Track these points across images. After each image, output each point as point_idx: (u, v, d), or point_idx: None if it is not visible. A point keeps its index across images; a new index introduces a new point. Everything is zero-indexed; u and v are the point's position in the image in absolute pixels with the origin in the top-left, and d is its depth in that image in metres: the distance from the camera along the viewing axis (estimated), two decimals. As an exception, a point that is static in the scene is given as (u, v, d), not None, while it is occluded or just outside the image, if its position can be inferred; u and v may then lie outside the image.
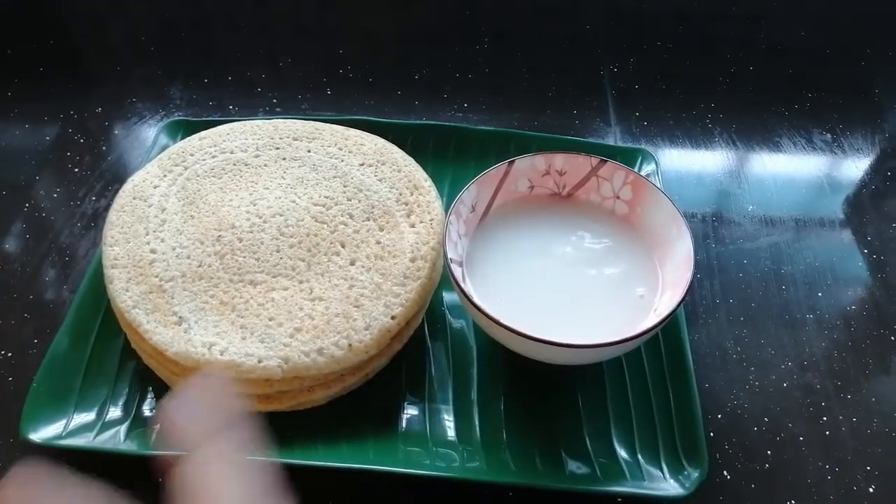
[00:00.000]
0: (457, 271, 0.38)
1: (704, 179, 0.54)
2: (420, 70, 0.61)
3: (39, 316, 0.44)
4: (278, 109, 0.57)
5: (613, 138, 0.56)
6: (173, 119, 0.52)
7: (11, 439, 0.39)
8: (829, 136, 0.57)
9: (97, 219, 0.50)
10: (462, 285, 0.37)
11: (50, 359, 0.39)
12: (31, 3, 0.68)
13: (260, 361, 0.36)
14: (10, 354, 0.42)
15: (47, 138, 0.55)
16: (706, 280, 0.47)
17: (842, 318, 0.46)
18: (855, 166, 0.55)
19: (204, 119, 0.52)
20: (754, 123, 0.58)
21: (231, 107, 0.58)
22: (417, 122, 0.52)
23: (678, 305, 0.36)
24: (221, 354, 0.36)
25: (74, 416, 0.38)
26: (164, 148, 0.50)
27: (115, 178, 0.53)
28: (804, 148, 0.56)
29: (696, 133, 0.57)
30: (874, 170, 0.55)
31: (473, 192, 0.41)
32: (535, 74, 0.62)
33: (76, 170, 0.53)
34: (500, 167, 0.42)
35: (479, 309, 0.36)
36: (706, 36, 0.67)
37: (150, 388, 0.39)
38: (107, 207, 0.50)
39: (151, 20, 0.67)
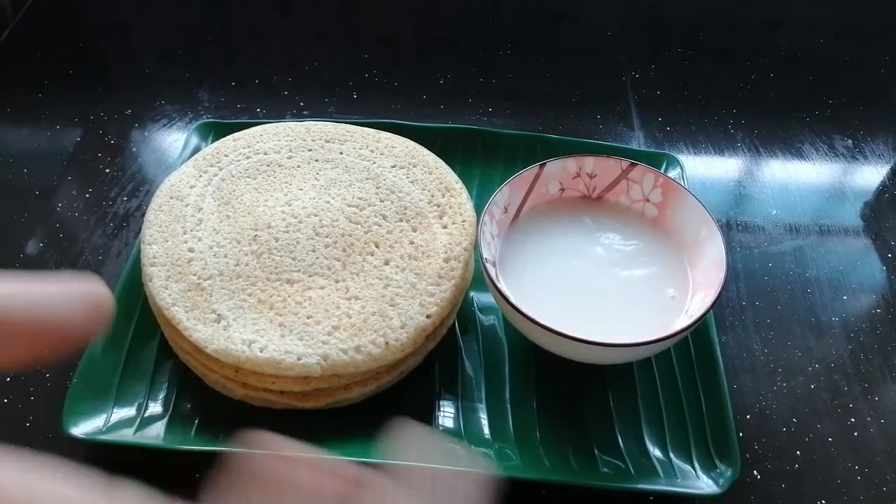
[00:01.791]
0: (491, 271, 0.39)
1: (728, 184, 0.55)
2: (444, 75, 0.62)
3: (75, 314, 0.45)
4: (306, 112, 0.58)
5: (637, 143, 0.57)
6: (204, 121, 0.53)
7: (51, 435, 0.39)
8: (850, 141, 0.58)
9: (129, 219, 0.51)
10: (497, 284, 0.38)
11: (88, 356, 0.40)
12: (60, 7, 0.69)
13: (299, 359, 0.37)
14: (46, 351, 0.43)
15: (77, 140, 0.56)
16: (732, 283, 0.48)
17: (867, 321, 0.46)
18: (877, 171, 0.56)
19: (235, 121, 0.53)
20: (776, 129, 0.58)
21: (259, 110, 0.58)
22: (446, 125, 0.53)
23: (712, 305, 0.36)
24: (261, 352, 0.37)
25: (114, 412, 0.38)
26: (195, 149, 0.51)
27: (146, 179, 0.53)
28: (826, 154, 0.57)
29: (718, 138, 0.58)
30: (895, 174, 0.56)
31: (506, 194, 0.42)
32: (558, 80, 0.62)
33: (107, 171, 0.54)
34: (532, 169, 0.43)
35: (515, 308, 0.36)
36: (725, 43, 0.67)
37: (188, 385, 0.40)
38: (138, 208, 0.51)
39: (177, 26, 0.68)
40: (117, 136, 0.57)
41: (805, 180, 0.55)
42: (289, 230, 0.41)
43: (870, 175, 0.56)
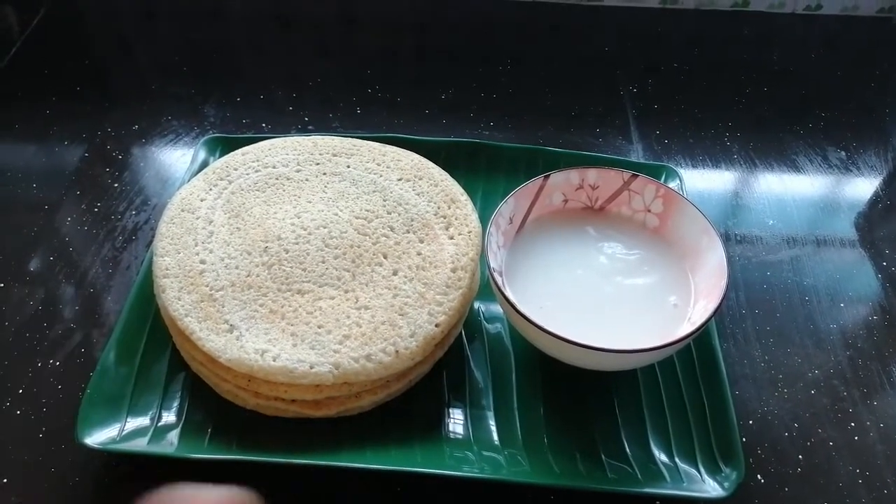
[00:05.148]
0: (498, 280, 0.39)
1: (725, 195, 0.56)
2: (446, 90, 0.63)
3: (85, 326, 0.45)
4: (310, 127, 0.59)
5: (636, 155, 0.58)
6: (212, 135, 0.54)
7: (63, 445, 0.40)
8: (843, 153, 0.59)
9: (137, 232, 0.51)
10: (505, 293, 0.38)
11: (101, 366, 0.40)
12: (66, 25, 0.70)
13: (312, 367, 0.37)
14: (58, 363, 0.44)
15: (85, 155, 0.57)
16: (732, 292, 0.49)
17: (864, 328, 0.47)
18: (870, 182, 0.57)
19: (242, 136, 0.54)
20: (771, 141, 0.60)
21: (264, 125, 0.59)
22: (449, 139, 0.54)
23: (714, 312, 0.37)
24: (274, 361, 0.37)
25: (128, 422, 0.39)
26: (203, 163, 0.51)
27: (153, 193, 0.54)
28: (820, 165, 0.58)
29: (715, 151, 0.59)
30: (887, 185, 0.57)
31: (511, 205, 0.43)
32: (558, 94, 0.64)
33: (115, 185, 0.54)
34: (536, 181, 0.44)
35: (523, 315, 0.37)
36: (720, 58, 0.69)
37: (200, 395, 0.40)
38: (146, 222, 0.52)
39: (182, 43, 0.69)
40: (124, 152, 0.57)
41: (800, 191, 0.56)
42: (298, 242, 0.42)
43: (863, 186, 0.57)
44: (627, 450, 0.39)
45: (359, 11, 0.72)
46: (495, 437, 0.39)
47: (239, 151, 0.48)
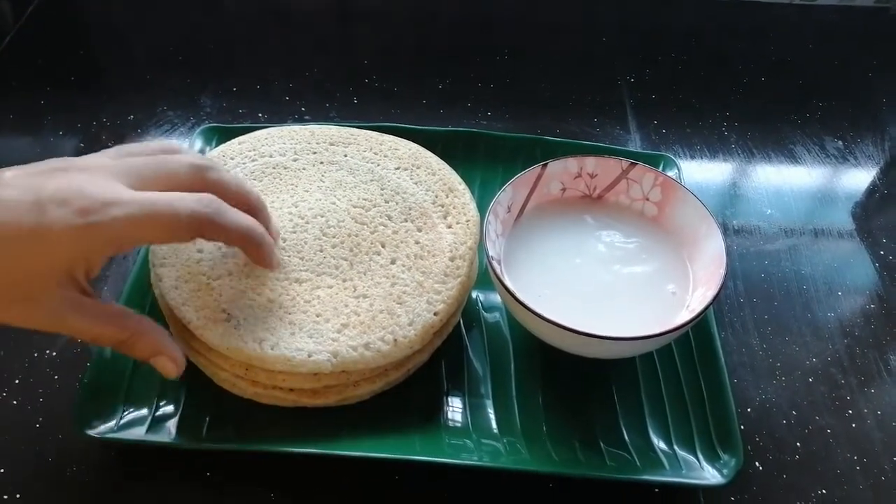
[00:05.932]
0: (497, 268, 0.39)
1: (723, 184, 0.56)
2: (443, 81, 0.63)
3: (82, 316, 0.45)
4: (307, 117, 0.59)
5: (634, 145, 0.58)
6: (208, 125, 0.53)
7: (61, 435, 0.39)
8: (840, 143, 0.59)
9: (133, 223, 0.51)
10: (504, 281, 0.38)
11: (99, 356, 0.40)
12: (61, 14, 0.69)
13: (310, 356, 0.37)
14: (54, 353, 0.43)
15: (80, 145, 0.56)
16: (730, 281, 0.49)
17: (861, 316, 0.47)
18: (867, 172, 0.57)
19: (238, 125, 0.54)
20: (769, 131, 0.60)
21: (261, 114, 0.59)
22: (447, 128, 0.54)
23: (713, 299, 0.37)
24: (272, 349, 0.37)
25: (126, 412, 0.38)
26: (199, 153, 0.51)
27: (149, 183, 0.54)
28: (817, 155, 0.58)
29: (712, 141, 0.59)
30: (884, 174, 0.57)
31: (509, 194, 0.43)
32: (555, 85, 0.63)
33: (110, 176, 0.54)
34: (534, 170, 0.44)
35: (522, 304, 0.37)
36: (717, 49, 0.69)
37: (198, 385, 0.40)
38: (143, 212, 0.51)
39: (178, 33, 0.68)
40: (120, 142, 0.57)
41: (798, 181, 0.57)
42: (296, 231, 0.42)
43: (860, 175, 0.57)
44: (626, 437, 0.39)
45: (357, 1, 0.72)
46: (494, 425, 0.39)
47: (235, 141, 0.47)
